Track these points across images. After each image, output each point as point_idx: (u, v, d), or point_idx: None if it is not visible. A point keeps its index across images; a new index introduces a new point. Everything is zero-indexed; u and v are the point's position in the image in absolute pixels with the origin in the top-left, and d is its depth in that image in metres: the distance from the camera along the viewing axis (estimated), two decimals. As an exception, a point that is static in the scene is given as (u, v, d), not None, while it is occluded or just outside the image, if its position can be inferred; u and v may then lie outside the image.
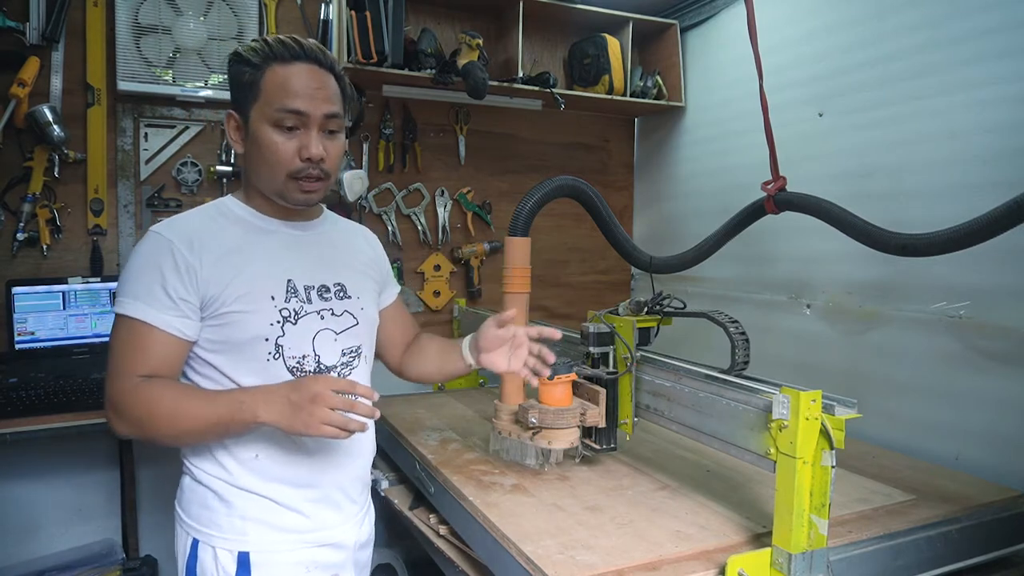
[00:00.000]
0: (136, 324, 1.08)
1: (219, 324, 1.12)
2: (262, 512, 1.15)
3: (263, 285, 1.15)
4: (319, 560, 1.21)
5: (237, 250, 1.15)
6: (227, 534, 1.15)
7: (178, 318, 1.09)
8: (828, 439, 1.06)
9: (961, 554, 1.33)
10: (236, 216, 1.19)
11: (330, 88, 1.15)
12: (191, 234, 1.12)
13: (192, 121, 2.29)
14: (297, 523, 1.18)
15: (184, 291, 1.09)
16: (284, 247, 1.20)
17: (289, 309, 1.16)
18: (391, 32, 2.24)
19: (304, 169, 1.13)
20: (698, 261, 1.94)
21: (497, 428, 1.59)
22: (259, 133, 1.12)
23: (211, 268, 1.11)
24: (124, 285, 1.11)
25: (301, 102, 1.11)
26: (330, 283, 1.23)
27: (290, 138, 1.12)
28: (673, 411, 1.42)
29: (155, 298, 1.08)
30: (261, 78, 1.12)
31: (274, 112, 1.11)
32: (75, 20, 2.11)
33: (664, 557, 1.17)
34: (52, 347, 2.04)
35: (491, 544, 1.29)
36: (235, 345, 1.13)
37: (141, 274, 1.10)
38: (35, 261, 2.11)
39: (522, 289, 1.64)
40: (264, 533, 1.16)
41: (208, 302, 1.11)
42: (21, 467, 2.12)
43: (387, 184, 2.58)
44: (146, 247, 1.12)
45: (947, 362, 1.77)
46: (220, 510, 1.15)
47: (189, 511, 1.18)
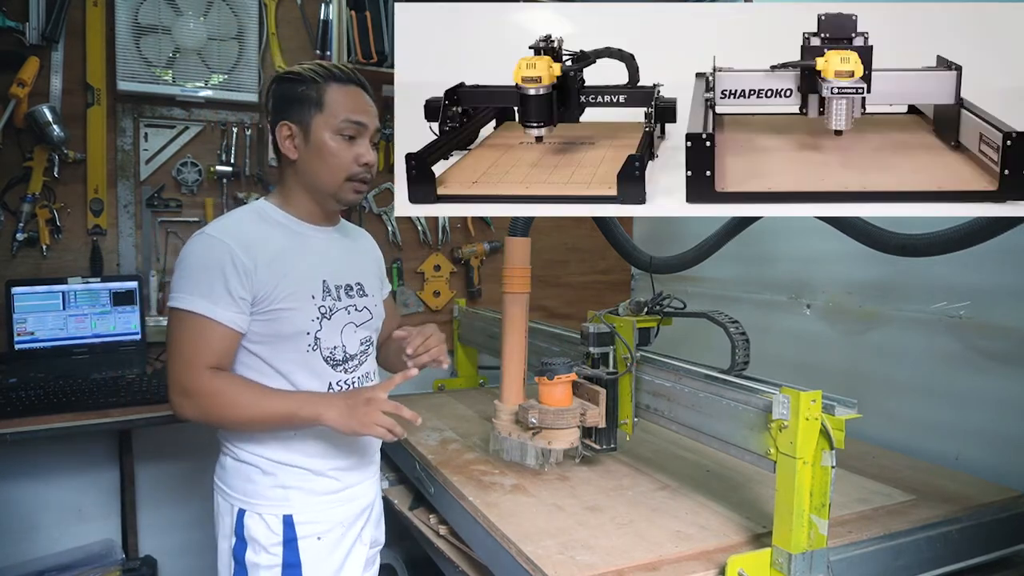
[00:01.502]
0: (199, 318, 1.22)
1: (268, 319, 1.27)
2: (301, 480, 1.32)
3: (305, 285, 1.31)
4: (350, 513, 1.39)
5: (283, 253, 1.30)
6: (273, 501, 1.31)
7: (236, 314, 1.24)
8: (828, 439, 1.06)
9: (961, 554, 1.33)
10: (275, 221, 1.34)
11: (375, 109, 1.35)
12: (245, 238, 1.27)
13: (192, 121, 2.28)
14: (329, 486, 1.35)
15: (242, 290, 1.24)
16: (317, 250, 1.36)
17: (326, 307, 1.32)
18: (391, 32, 2.24)
19: (360, 173, 1.31)
20: (698, 261, 1.93)
21: (497, 428, 1.59)
22: (322, 140, 1.28)
23: (264, 270, 1.26)
24: (185, 282, 1.24)
25: (363, 116, 1.30)
26: (353, 282, 1.40)
27: (349, 146, 1.29)
28: (673, 411, 1.42)
29: (218, 296, 1.22)
30: (324, 93, 1.28)
31: (340, 123, 1.28)
32: (75, 20, 2.11)
33: (664, 557, 1.17)
34: (52, 347, 2.03)
35: (491, 544, 1.29)
36: (281, 338, 1.28)
37: (203, 273, 1.23)
38: (35, 261, 2.11)
39: (522, 289, 1.64)
40: (303, 497, 1.32)
41: (259, 299, 1.26)
42: (21, 467, 2.12)
43: (387, 184, 2.57)
44: (204, 248, 1.26)
45: (947, 362, 1.77)
46: (264, 482, 1.31)
47: (234, 486, 1.33)
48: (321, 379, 1.33)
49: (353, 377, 1.38)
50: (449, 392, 2.44)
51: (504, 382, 1.64)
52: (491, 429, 1.62)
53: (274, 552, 1.30)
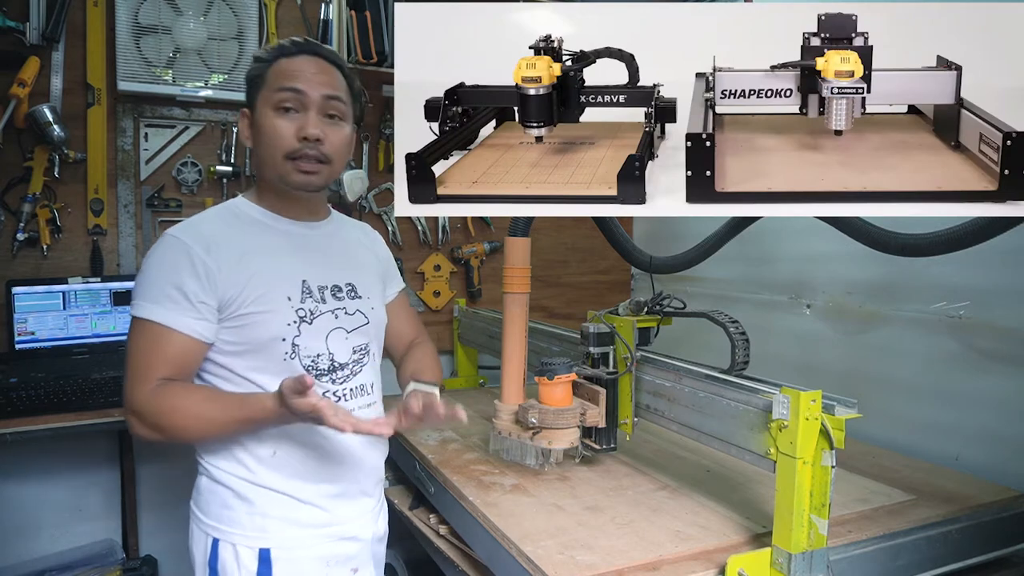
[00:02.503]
0: (154, 327, 1.10)
1: (237, 326, 1.14)
2: (282, 509, 1.17)
3: (279, 286, 1.17)
4: (338, 553, 1.23)
5: (253, 251, 1.17)
6: (248, 531, 1.16)
7: (196, 320, 1.11)
8: (828, 439, 1.06)
9: (961, 554, 1.33)
10: (249, 217, 1.22)
11: (333, 76, 1.20)
12: (207, 237, 1.14)
13: (192, 121, 2.28)
14: (315, 517, 1.20)
15: (202, 293, 1.11)
16: (297, 247, 1.23)
17: (305, 309, 1.18)
18: (391, 32, 2.24)
19: (301, 149, 1.15)
20: (698, 261, 1.93)
21: (497, 428, 1.59)
22: (262, 119, 1.17)
23: (229, 270, 1.13)
24: (141, 288, 1.13)
25: (300, 82, 1.15)
26: (342, 283, 1.26)
27: (290, 120, 1.15)
28: (673, 411, 1.42)
29: (173, 301, 1.10)
30: (268, 70, 1.17)
31: (274, 94, 1.15)
32: (75, 20, 2.11)
33: (664, 557, 1.17)
34: (52, 347, 2.03)
35: (491, 544, 1.29)
36: (253, 346, 1.15)
37: (159, 277, 1.12)
38: (35, 261, 2.11)
39: (522, 289, 1.64)
40: (284, 529, 1.17)
41: (226, 304, 1.13)
42: (21, 467, 2.12)
43: (387, 184, 2.57)
44: (163, 250, 1.14)
45: (947, 362, 1.77)
46: (240, 508, 1.16)
47: (208, 511, 1.19)
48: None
49: (343, 389, 1.22)
50: (449, 392, 2.44)
51: (504, 382, 1.64)
52: (491, 429, 1.62)
53: None
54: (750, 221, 1.82)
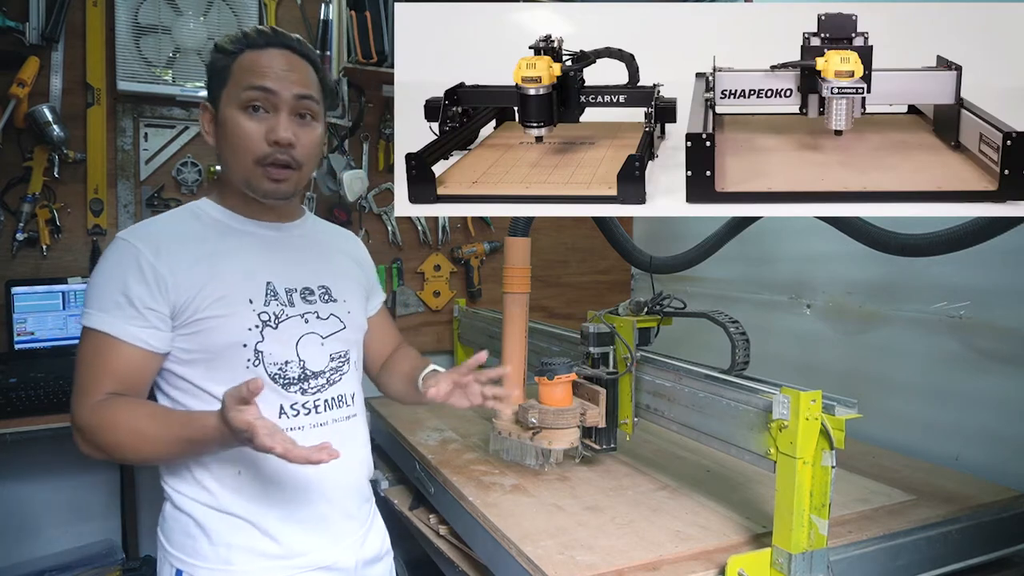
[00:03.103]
0: (100, 337, 1.02)
1: (193, 332, 1.06)
2: (247, 539, 1.08)
3: (239, 288, 1.09)
4: None
5: (211, 254, 1.09)
6: (212, 564, 1.07)
7: (144, 329, 1.03)
8: (828, 439, 1.06)
9: (961, 554, 1.33)
10: (211, 218, 1.15)
11: (305, 73, 1.11)
12: (158, 239, 1.07)
13: (192, 121, 2.28)
14: (284, 549, 1.09)
15: (151, 300, 1.03)
16: (262, 249, 1.15)
17: (268, 313, 1.10)
18: (391, 32, 2.24)
19: (271, 154, 1.08)
20: (698, 261, 1.93)
21: (497, 428, 1.59)
22: (227, 118, 1.08)
23: (182, 274, 1.05)
24: (89, 296, 1.05)
25: (270, 81, 1.07)
26: (313, 285, 1.18)
27: (259, 122, 1.07)
28: (673, 411, 1.42)
29: (120, 308, 1.02)
30: (233, 63, 1.08)
31: (242, 92, 1.07)
32: (75, 20, 2.11)
33: (664, 557, 1.17)
34: (52, 347, 2.03)
35: (491, 544, 1.29)
36: (211, 354, 1.06)
37: (106, 284, 1.04)
38: (35, 261, 2.11)
39: (522, 289, 1.64)
40: (251, 561, 1.08)
41: (180, 310, 1.05)
42: (21, 467, 2.12)
43: (387, 184, 2.57)
44: (111, 255, 1.06)
45: (947, 362, 1.77)
46: (202, 539, 1.07)
47: (172, 540, 1.10)
48: (267, 402, 1.03)
49: (316, 400, 1.13)
50: (449, 392, 2.43)
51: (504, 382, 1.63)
52: (491, 429, 1.62)
53: None
54: (750, 221, 1.82)
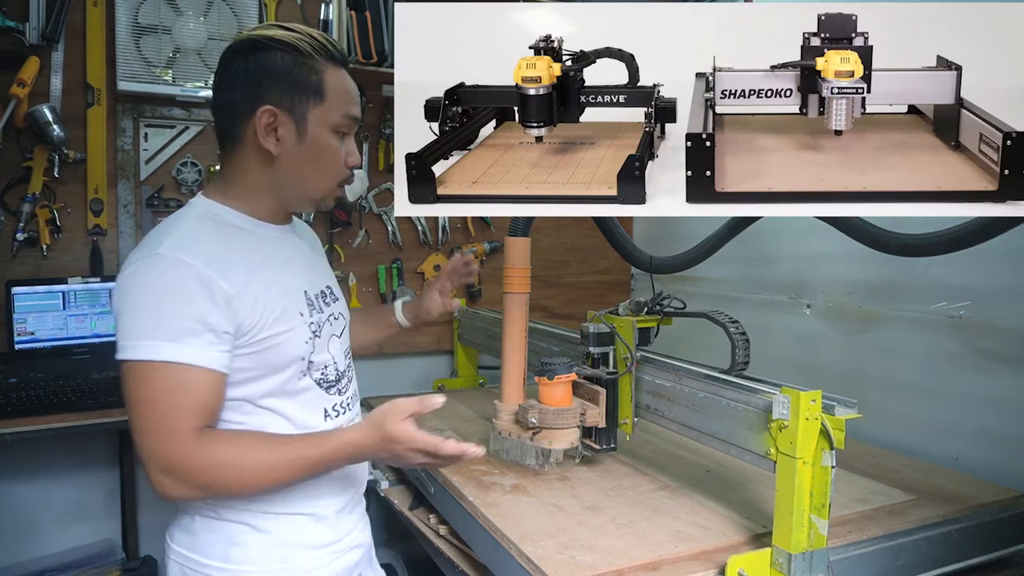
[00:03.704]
0: (173, 369, 0.93)
1: (256, 351, 1.02)
2: (299, 533, 1.10)
3: (293, 301, 1.08)
4: (350, 564, 1.19)
5: (257, 267, 1.04)
6: (266, 566, 1.07)
7: (222, 353, 0.98)
8: (828, 439, 1.06)
9: (961, 554, 1.33)
10: (235, 225, 1.08)
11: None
12: (210, 254, 0.99)
13: (192, 121, 2.28)
14: (330, 535, 1.14)
15: (224, 322, 0.97)
16: (287, 257, 1.12)
17: (315, 323, 1.11)
18: (391, 32, 2.24)
19: (350, 176, 1.13)
20: (698, 261, 1.93)
21: (497, 428, 1.59)
22: (318, 137, 1.06)
23: (245, 291, 1.00)
24: (144, 324, 0.94)
25: (357, 109, 1.10)
26: (324, 287, 1.20)
27: (342, 145, 1.09)
28: (673, 411, 1.42)
29: (195, 335, 0.95)
30: (323, 79, 1.04)
31: (340, 118, 1.07)
32: (75, 20, 2.10)
33: (664, 557, 1.17)
34: (52, 347, 2.03)
35: (491, 544, 1.29)
36: (271, 369, 1.04)
37: (166, 308, 0.95)
38: (35, 261, 2.11)
39: (522, 289, 1.64)
40: (306, 553, 1.10)
41: (244, 330, 1.00)
42: (21, 467, 2.12)
43: (387, 184, 2.57)
44: (164, 276, 0.96)
45: (947, 362, 1.77)
46: (254, 542, 1.06)
47: (209, 552, 1.06)
48: (314, 409, 1.10)
49: (346, 399, 1.18)
50: (449, 392, 2.43)
51: (504, 382, 1.64)
52: (491, 429, 1.62)
53: None
54: (750, 221, 1.82)
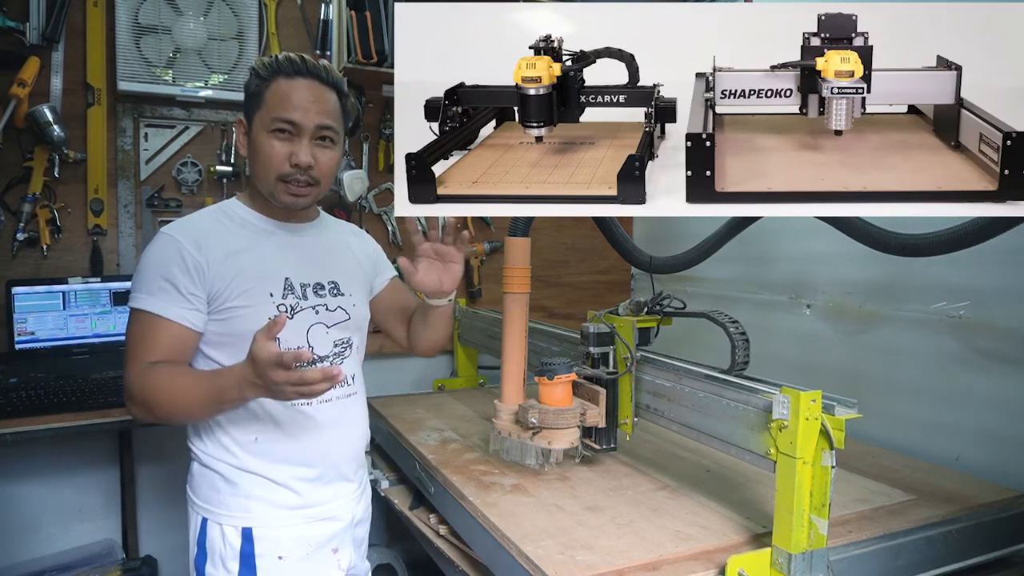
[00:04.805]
0: (148, 316, 1.20)
1: (223, 318, 1.24)
2: (263, 491, 1.28)
3: (263, 283, 1.27)
4: (317, 533, 1.33)
5: (240, 251, 1.27)
6: (233, 512, 1.27)
7: (187, 310, 1.21)
8: (828, 439, 1.06)
9: (961, 554, 1.33)
10: (240, 218, 1.32)
11: (328, 103, 1.27)
12: (198, 235, 1.25)
13: (192, 121, 2.29)
14: (294, 500, 1.30)
15: (192, 286, 1.22)
16: (282, 248, 1.33)
17: (287, 305, 1.29)
18: (391, 32, 2.24)
19: (292, 174, 1.25)
20: (698, 261, 1.93)
21: (497, 428, 1.59)
22: (257, 139, 1.26)
23: (217, 266, 1.23)
24: (138, 282, 1.23)
25: (295, 113, 1.23)
26: (324, 281, 1.36)
27: (284, 144, 1.24)
28: (673, 411, 1.42)
29: (166, 292, 1.20)
30: (266, 89, 1.25)
31: (271, 120, 1.24)
32: (75, 20, 2.11)
33: (664, 557, 1.17)
34: (52, 347, 2.04)
35: (491, 544, 1.29)
36: (237, 338, 1.22)
37: (153, 271, 1.22)
38: (35, 261, 2.11)
39: (522, 289, 1.64)
40: (265, 510, 1.28)
41: (213, 297, 1.24)
42: (21, 467, 2.12)
43: (387, 184, 2.57)
44: (157, 247, 1.24)
45: (947, 362, 1.77)
46: (226, 491, 1.27)
47: (199, 493, 1.30)
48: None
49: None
50: (449, 392, 2.44)
51: (504, 382, 1.64)
52: (491, 429, 1.62)
53: (230, 568, 1.25)
54: (750, 221, 1.82)
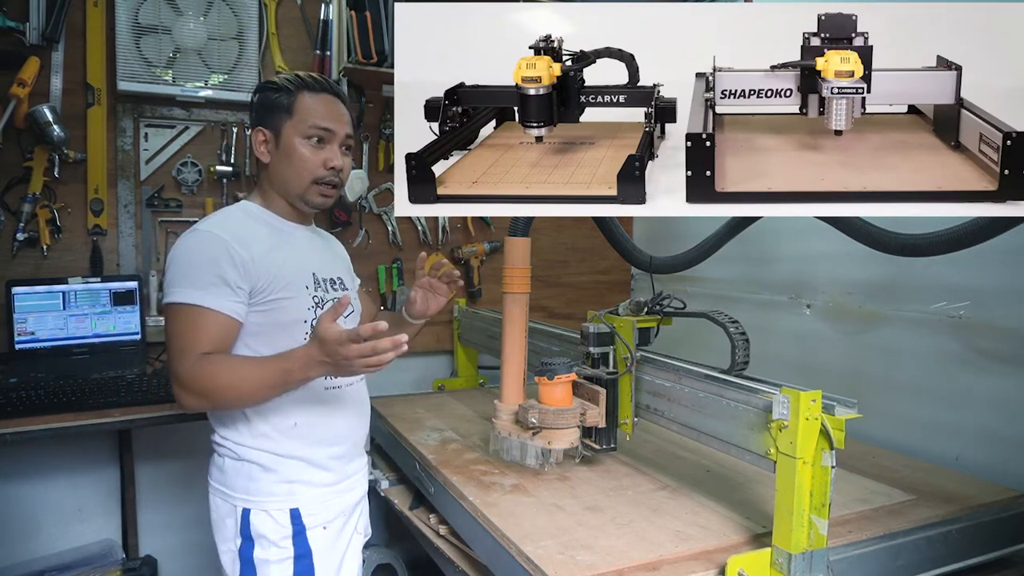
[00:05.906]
0: (196, 309, 1.25)
1: (265, 310, 1.32)
2: (304, 473, 1.37)
3: (299, 276, 1.38)
4: (347, 503, 1.46)
5: (274, 248, 1.36)
6: (278, 497, 1.35)
7: (236, 303, 1.28)
8: (828, 439, 1.06)
9: (961, 554, 1.33)
10: (262, 219, 1.41)
11: (347, 116, 1.42)
12: (238, 233, 1.32)
13: (192, 121, 2.28)
14: (330, 477, 1.41)
15: (240, 280, 1.28)
16: (303, 246, 1.44)
17: (318, 296, 1.39)
18: (391, 32, 2.24)
19: (327, 176, 1.37)
20: (698, 261, 1.93)
21: (497, 428, 1.59)
22: (289, 144, 1.36)
23: (260, 261, 1.31)
24: (179, 278, 1.27)
25: (331, 123, 1.37)
26: (335, 276, 1.48)
27: (317, 151, 1.36)
28: (673, 411, 1.42)
29: (217, 287, 1.26)
30: (295, 101, 1.36)
31: (307, 128, 1.35)
32: (75, 20, 2.11)
33: (664, 557, 1.17)
34: (52, 347, 2.03)
35: (491, 544, 1.29)
36: (278, 327, 1.32)
37: (197, 267, 1.27)
38: (35, 261, 2.11)
39: (522, 289, 1.64)
40: (308, 490, 1.38)
41: (257, 290, 1.31)
42: (21, 467, 2.12)
43: (387, 184, 2.57)
44: (205, 244, 1.29)
45: (947, 362, 1.77)
46: (266, 479, 1.35)
47: (235, 486, 1.35)
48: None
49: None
50: (449, 392, 2.44)
51: (504, 382, 1.64)
52: (491, 429, 1.62)
53: (284, 546, 1.34)
54: (750, 221, 1.82)
